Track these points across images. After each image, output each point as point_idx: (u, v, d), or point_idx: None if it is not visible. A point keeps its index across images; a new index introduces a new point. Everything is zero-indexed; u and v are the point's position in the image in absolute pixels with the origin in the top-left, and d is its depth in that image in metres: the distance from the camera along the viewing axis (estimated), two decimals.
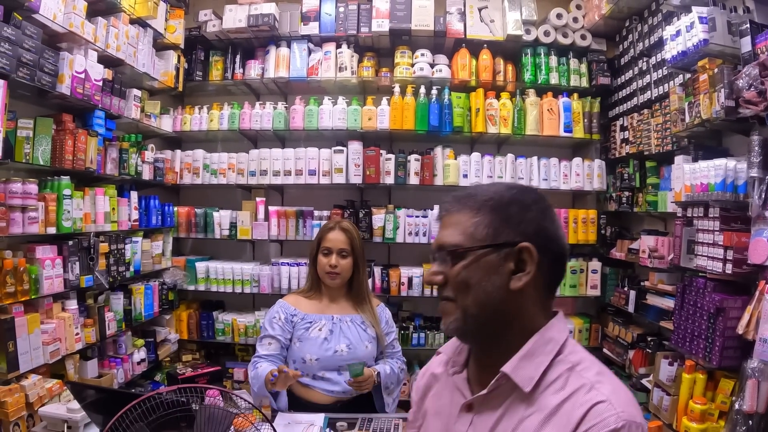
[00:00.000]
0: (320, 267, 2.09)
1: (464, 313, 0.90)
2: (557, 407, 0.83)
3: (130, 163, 3.03)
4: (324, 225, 2.18)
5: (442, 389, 1.03)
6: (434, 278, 0.93)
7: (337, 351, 2.04)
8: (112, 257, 2.84)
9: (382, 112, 3.39)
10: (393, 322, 2.27)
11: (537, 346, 0.89)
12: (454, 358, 1.02)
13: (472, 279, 0.89)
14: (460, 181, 3.41)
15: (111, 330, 2.84)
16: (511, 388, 0.88)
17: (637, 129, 3.25)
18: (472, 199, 0.93)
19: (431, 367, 1.10)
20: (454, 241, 0.91)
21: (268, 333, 2.06)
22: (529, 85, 3.56)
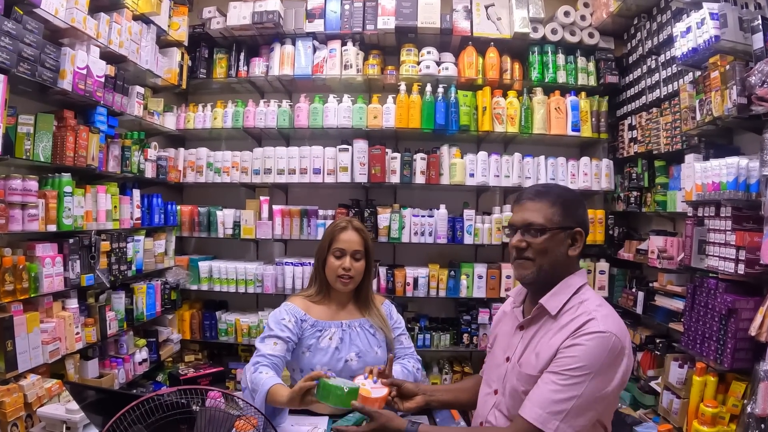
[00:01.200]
0: (330, 270, 1.92)
1: (539, 269, 1.41)
2: (568, 322, 1.35)
3: (132, 160, 3.00)
4: (334, 224, 1.98)
5: (507, 320, 1.59)
6: (521, 244, 1.42)
7: (348, 360, 1.89)
8: (114, 256, 2.81)
9: (388, 111, 3.35)
10: (400, 317, 2.09)
11: (561, 288, 1.42)
12: (516, 298, 1.58)
13: (549, 247, 1.40)
14: (467, 181, 3.36)
15: (112, 330, 2.80)
16: (544, 313, 1.42)
17: (645, 128, 3.20)
18: (548, 195, 1.44)
19: (503, 307, 1.68)
20: (539, 222, 1.40)
21: (275, 333, 1.84)
22: (536, 83, 3.51)
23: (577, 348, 1.29)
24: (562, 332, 1.35)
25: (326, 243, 1.96)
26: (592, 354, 1.27)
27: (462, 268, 3.41)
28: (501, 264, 3.46)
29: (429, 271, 3.39)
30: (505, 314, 1.62)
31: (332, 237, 1.95)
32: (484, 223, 3.40)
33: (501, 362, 1.51)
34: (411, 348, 2.06)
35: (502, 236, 3.40)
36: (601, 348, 1.28)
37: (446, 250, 3.59)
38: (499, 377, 1.50)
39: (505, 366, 1.49)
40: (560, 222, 1.40)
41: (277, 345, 1.82)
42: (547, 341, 1.37)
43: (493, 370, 1.55)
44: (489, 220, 3.41)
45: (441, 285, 3.39)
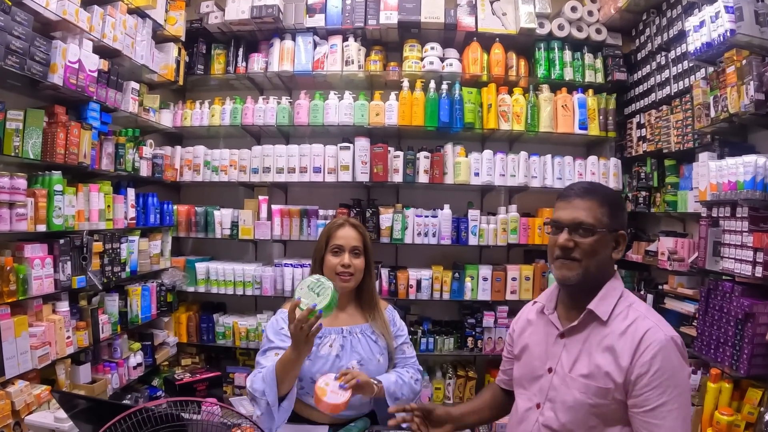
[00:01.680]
0: (329, 268, 1.84)
1: (585, 270, 1.35)
2: (626, 329, 1.31)
3: (126, 158, 2.91)
4: (330, 222, 1.93)
5: (537, 328, 1.50)
6: (569, 243, 1.35)
7: (349, 368, 1.78)
8: (107, 257, 2.72)
9: (390, 108, 3.26)
10: (403, 324, 2.01)
11: (608, 291, 1.37)
12: (547, 304, 1.48)
13: (597, 249, 1.35)
14: (471, 180, 3.27)
15: (105, 333, 2.72)
16: (592, 319, 1.36)
17: (655, 126, 3.12)
18: (597, 193, 1.39)
19: (525, 314, 1.59)
20: (590, 222, 1.35)
21: (275, 345, 1.75)
22: (542, 80, 3.42)
23: (661, 370, 1.26)
24: (622, 341, 1.30)
25: (323, 241, 1.90)
26: (673, 365, 1.27)
27: (466, 270, 3.32)
28: (506, 266, 3.37)
29: (432, 273, 3.30)
30: (531, 322, 1.53)
31: (329, 234, 1.90)
32: (489, 224, 3.31)
33: (541, 374, 1.43)
34: (413, 358, 1.97)
35: (508, 237, 3.31)
36: (675, 353, 1.28)
37: (450, 251, 3.50)
38: (541, 390, 1.42)
39: (547, 378, 1.41)
40: (608, 223, 1.36)
41: (278, 356, 1.70)
42: (605, 348, 1.32)
43: (531, 383, 1.47)
44: (494, 221, 3.32)
45: (445, 287, 3.30)
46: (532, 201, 3.51)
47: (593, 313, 1.35)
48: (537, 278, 3.33)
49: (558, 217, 1.40)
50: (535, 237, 3.34)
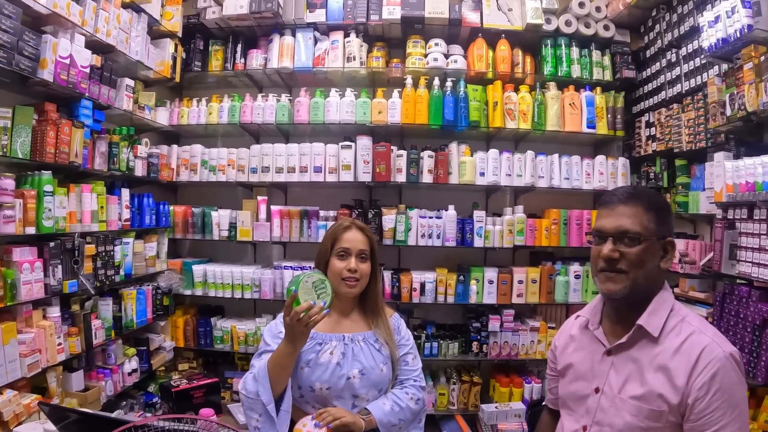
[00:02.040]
0: (334, 272, 1.74)
1: (633, 283, 1.25)
2: (680, 346, 1.22)
3: (120, 157, 2.81)
4: (336, 225, 1.82)
5: (581, 344, 1.40)
6: (612, 254, 1.25)
7: (350, 378, 1.70)
8: (100, 260, 2.62)
9: (393, 105, 3.16)
10: (409, 334, 1.89)
11: (658, 305, 1.28)
12: (592, 318, 1.38)
13: (645, 259, 1.25)
14: (477, 180, 3.18)
15: (98, 339, 2.62)
16: (642, 335, 1.27)
17: (665, 125, 3.05)
18: (642, 198, 1.29)
19: (567, 329, 1.50)
20: (636, 230, 1.25)
21: (271, 348, 1.68)
22: (549, 78, 3.33)
23: (721, 391, 1.17)
24: (676, 359, 1.21)
25: (328, 244, 1.80)
26: (733, 383, 1.18)
27: (471, 273, 3.23)
28: (512, 268, 3.28)
29: (437, 276, 3.21)
30: (573, 338, 1.44)
31: (335, 237, 1.79)
32: (495, 225, 3.21)
33: (587, 394, 1.34)
34: (416, 370, 1.85)
35: (514, 239, 3.21)
36: (735, 371, 1.19)
37: (455, 253, 3.41)
38: (588, 412, 1.34)
39: (594, 398, 1.32)
40: (655, 230, 1.26)
41: None
42: (657, 368, 1.23)
43: (577, 403, 1.38)
44: (500, 222, 3.22)
45: (449, 290, 3.20)
46: (538, 201, 3.42)
47: (643, 329, 1.26)
48: (544, 281, 3.24)
49: (601, 226, 1.29)
50: (542, 238, 3.25)
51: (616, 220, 1.27)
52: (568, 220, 3.29)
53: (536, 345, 3.26)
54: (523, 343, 3.25)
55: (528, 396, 3.23)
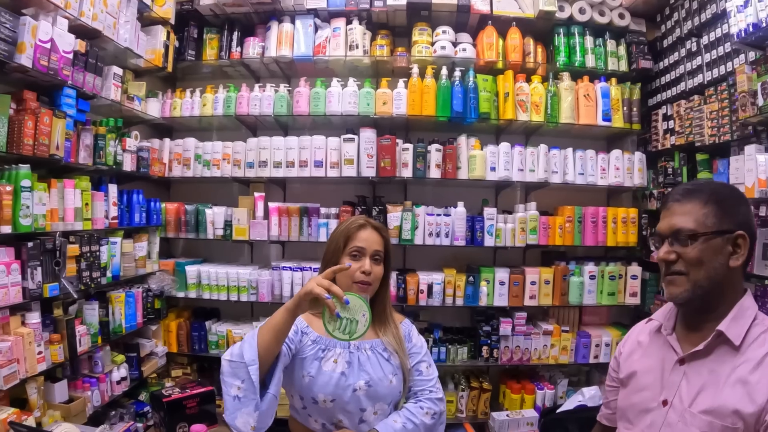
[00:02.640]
0: (346, 274, 1.59)
1: (694, 285, 1.17)
2: (763, 358, 1.11)
3: (107, 151, 2.62)
4: (348, 222, 1.67)
5: (649, 351, 1.31)
6: (669, 255, 1.19)
7: (356, 390, 1.55)
8: (84, 261, 2.44)
9: (399, 96, 2.98)
10: (422, 341, 1.74)
11: (741, 311, 1.17)
12: (665, 323, 1.29)
13: (704, 257, 1.16)
14: (488, 175, 3.00)
15: (83, 346, 2.44)
16: (721, 343, 1.16)
17: (685, 118, 2.89)
18: (699, 193, 1.20)
19: (634, 334, 1.39)
20: (690, 227, 1.17)
21: None
22: (562, 68, 3.16)
23: None
24: (758, 373, 1.10)
25: (341, 243, 1.64)
26: None
27: (482, 273, 3.05)
28: (525, 268, 3.10)
29: (445, 277, 3.03)
30: (641, 344, 1.34)
31: (348, 236, 1.63)
32: (506, 223, 3.03)
33: (652, 407, 1.24)
34: (431, 380, 1.67)
35: (527, 237, 3.04)
36: None
37: (464, 252, 3.24)
38: (651, 426, 1.23)
39: (661, 412, 1.21)
40: (716, 225, 1.17)
41: None
42: (736, 381, 1.12)
43: (639, 416, 1.27)
44: (512, 219, 3.04)
45: (458, 292, 3.02)
46: (550, 198, 3.25)
47: (723, 336, 1.15)
48: (557, 282, 3.07)
49: (658, 229, 1.25)
50: (556, 237, 3.07)
51: (669, 220, 1.21)
52: (583, 217, 3.11)
53: (549, 349, 3.09)
54: (536, 347, 3.07)
55: (540, 403, 3.06)
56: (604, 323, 3.36)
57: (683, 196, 1.21)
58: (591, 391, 2.78)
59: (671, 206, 1.23)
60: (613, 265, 3.15)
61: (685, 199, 1.21)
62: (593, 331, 3.19)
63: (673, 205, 1.22)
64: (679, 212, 1.20)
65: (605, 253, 3.38)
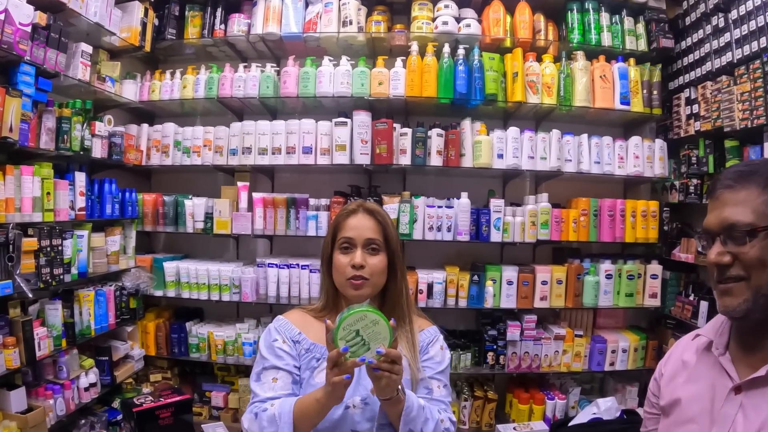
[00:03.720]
0: (338, 271, 1.35)
1: (756, 293, 0.93)
2: None
3: (73, 135, 2.37)
4: (341, 210, 1.43)
5: (696, 374, 1.07)
6: (722, 258, 0.95)
7: (349, 407, 1.29)
8: (44, 256, 2.19)
9: (396, 76, 2.70)
10: (444, 355, 1.43)
11: None
12: (717, 339, 1.05)
13: (766, 257, 0.92)
14: (494, 162, 2.73)
15: (43, 350, 2.20)
16: None
17: (711, 101, 2.63)
18: (756, 176, 0.96)
19: (678, 352, 1.15)
20: (746, 220, 0.94)
21: (270, 364, 1.32)
22: (576, 47, 2.88)
23: None
24: None
25: (330, 235, 1.40)
26: None
27: (487, 272, 2.77)
28: (535, 267, 2.82)
29: (446, 275, 2.75)
30: (687, 365, 1.10)
31: (337, 224, 1.39)
32: (515, 216, 2.75)
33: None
34: (442, 403, 1.37)
35: (537, 232, 2.76)
36: None
37: (468, 249, 2.97)
38: None
39: None
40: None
41: (278, 381, 1.32)
42: None
43: None
44: (521, 212, 2.76)
45: (461, 292, 2.75)
46: (563, 189, 2.97)
47: None
48: (571, 282, 2.79)
49: (705, 224, 1.00)
50: (569, 232, 2.80)
51: (719, 212, 0.97)
52: (599, 210, 2.84)
53: (561, 356, 2.82)
54: (546, 353, 2.80)
55: (550, 414, 2.79)
56: (621, 327, 3.08)
57: (736, 181, 0.97)
58: (607, 402, 2.52)
59: (721, 195, 0.98)
60: (631, 264, 2.87)
61: (738, 184, 0.96)
62: (609, 335, 2.91)
63: (723, 193, 0.98)
64: (732, 202, 0.96)
65: (622, 250, 3.11)
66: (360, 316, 1.13)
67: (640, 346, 2.91)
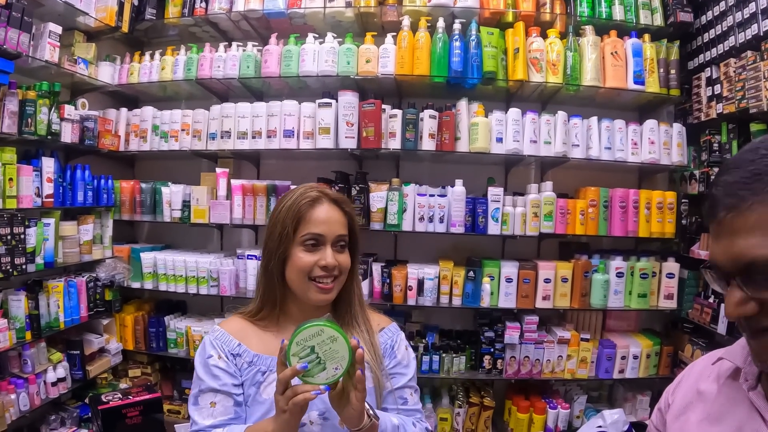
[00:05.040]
0: (299, 271, 1.15)
1: None
2: None
3: (38, 119, 2.23)
4: (296, 196, 1.19)
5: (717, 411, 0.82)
6: (745, 309, 0.67)
7: (304, 424, 1.12)
8: (3, 245, 2.06)
9: (386, 53, 2.49)
10: (410, 357, 1.28)
11: None
12: (746, 369, 0.80)
13: None
14: (493, 147, 2.50)
15: (3, 343, 2.07)
16: None
17: (735, 79, 2.38)
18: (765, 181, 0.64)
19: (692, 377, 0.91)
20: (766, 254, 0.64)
21: (207, 386, 1.15)
22: (585, 21, 2.63)
23: None
24: None
25: (289, 227, 1.16)
26: None
27: (484, 268, 2.54)
28: (538, 263, 2.59)
29: (440, 271, 2.54)
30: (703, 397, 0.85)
31: (298, 216, 1.16)
32: (515, 207, 2.52)
33: None
34: (417, 413, 1.23)
35: (540, 224, 2.53)
36: None
37: (463, 242, 2.74)
38: None
39: None
40: None
41: (216, 406, 1.14)
42: None
43: None
44: (522, 202, 2.53)
45: (455, 289, 2.53)
46: (570, 178, 2.73)
47: None
48: (577, 279, 2.55)
49: (713, 258, 0.71)
50: (576, 225, 2.56)
51: (729, 245, 0.67)
52: (610, 201, 2.59)
53: (565, 361, 2.58)
54: (549, 358, 2.57)
55: (552, 424, 2.56)
56: (632, 330, 2.83)
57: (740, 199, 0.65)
58: (614, 414, 2.26)
59: (725, 220, 0.67)
60: (645, 261, 2.62)
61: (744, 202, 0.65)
62: (619, 339, 2.66)
63: (726, 218, 0.67)
64: (743, 229, 0.66)
65: (635, 245, 2.85)
66: (316, 331, 0.97)
67: (654, 353, 2.65)
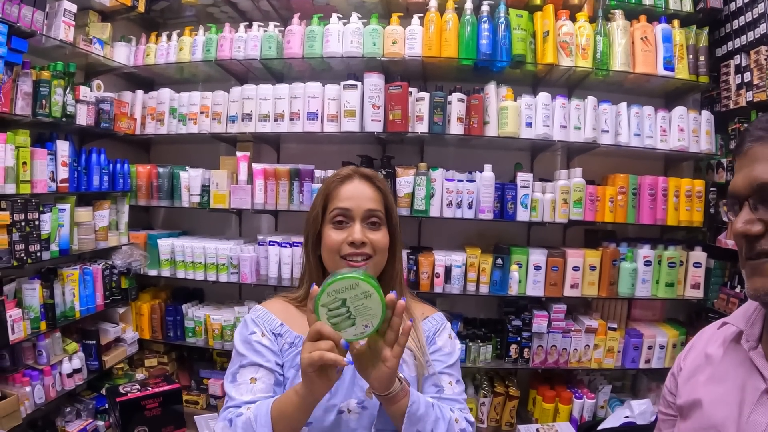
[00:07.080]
0: (329, 249, 1.11)
1: None
2: None
3: (53, 100, 2.15)
4: (331, 175, 1.18)
5: (722, 371, 0.90)
6: (751, 227, 0.76)
7: (342, 412, 1.07)
8: (18, 231, 1.98)
9: (412, 34, 2.42)
10: (455, 346, 1.21)
11: None
12: (748, 330, 0.88)
13: None
14: (522, 132, 2.43)
15: (18, 333, 2.00)
16: None
17: (766, 67, 2.36)
18: None
19: (701, 343, 0.98)
20: None
21: (248, 361, 1.10)
22: (614, 5, 2.57)
23: None
24: None
25: (319, 206, 1.15)
26: None
27: (512, 255, 2.49)
28: (566, 250, 2.54)
29: (467, 258, 2.48)
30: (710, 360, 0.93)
31: (327, 193, 1.15)
32: (545, 193, 2.47)
33: None
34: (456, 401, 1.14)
35: (569, 211, 2.47)
36: None
37: (491, 228, 2.70)
38: None
39: None
40: None
41: (257, 382, 1.09)
42: None
43: None
44: (552, 189, 2.48)
45: (483, 277, 2.48)
46: (598, 165, 2.68)
47: None
48: (606, 268, 2.49)
49: (732, 187, 0.81)
50: (605, 212, 2.50)
51: (749, 171, 0.78)
52: (639, 189, 2.54)
53: (591, 351, 2.53)
54: (576, 347, 2.52)
55: (577, 415, 2.52)
56: (658, 319, 2.78)
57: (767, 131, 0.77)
58: (642, 405, 2.25)
59: (750, 149, 0.79)
60: (672, 249, 2.57)
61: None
62: (645, 329, 2.62)
63: (752, 147, 0.79)
64: (764, 157, 0.77)
65: (661, 234, 2.81)
66: (351, 284, 0.88)
67: (679, 342, 2.61)
